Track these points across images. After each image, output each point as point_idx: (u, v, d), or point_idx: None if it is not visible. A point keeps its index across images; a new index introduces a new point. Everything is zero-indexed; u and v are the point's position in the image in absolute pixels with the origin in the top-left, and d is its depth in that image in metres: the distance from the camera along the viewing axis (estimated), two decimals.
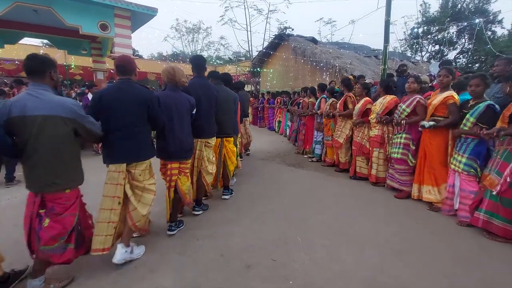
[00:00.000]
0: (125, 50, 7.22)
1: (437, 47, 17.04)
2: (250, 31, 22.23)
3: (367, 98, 4.35)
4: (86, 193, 2.09)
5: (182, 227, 2.76)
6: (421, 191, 3.39)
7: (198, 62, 3.02)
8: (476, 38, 13.68)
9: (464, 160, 2.88)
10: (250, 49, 22.46)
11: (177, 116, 2.52)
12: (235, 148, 3.62)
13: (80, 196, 1.99)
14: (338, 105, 4.76)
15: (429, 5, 17.10)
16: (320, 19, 27.10)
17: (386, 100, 3.86)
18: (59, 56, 13.59)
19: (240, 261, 2.22)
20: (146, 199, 2.23)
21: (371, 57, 13.14)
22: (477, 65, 15.01)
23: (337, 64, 10.69)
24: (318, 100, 5.53)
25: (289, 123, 8.25)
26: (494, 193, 2.48)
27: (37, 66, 1.77)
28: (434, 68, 7.64)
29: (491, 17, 14.94)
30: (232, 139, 3.53)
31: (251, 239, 2.57)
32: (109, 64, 10.56)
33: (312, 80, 11.85)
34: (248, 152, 6.26)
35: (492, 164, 2.66)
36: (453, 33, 16.26)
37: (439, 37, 16.48)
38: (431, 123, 3.17)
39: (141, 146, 2.17)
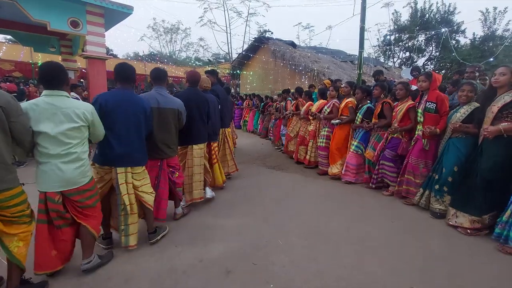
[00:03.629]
0: (98, 49, 6.91)
1: (407, 54, 17.98)
2: (230, 33, 22.20)
3: (310, 102, 5.60)
4: None
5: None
6: (331, 168, 4.62)
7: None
8: (442, 46, 14.62)
9: (355, 143, 4.24)
10: (230, 51, 22.42)
11: (215, 112, 3.68)
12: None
13: None
14: (292, 107, 6.16)
15: (400, 14, 17.99)
16: (299, 23, 27.74)
17: (319, 103, 5.14)
18: (24, 53, 12.73)
19: (219, 266, 2.18)
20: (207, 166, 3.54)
21: (347, 62, 13.60)
22: (443, 71, 16.01)
23: (315, 68, 10.96)
24: (284, 102, 6.96)
25: (259, 121, 9.98)
26: (372, 161, 3.94)
27: (161, 75, 2.77)
28: (406, 73, 8.07)
29: (455, 27, 16.04)
30: (230, 129, 4.59)
31: (231, 243, 2.54)
32: (81, 63, 10.07)
33: (292, 83, 12.03)
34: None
35: (370, 143, 4.03)
36: (421, 41, 17.25)
37: (409, 44, 17.41)
38: (337, 121, 4.45)
39: (205, 133, 3.38)
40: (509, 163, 2.50)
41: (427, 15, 16.68)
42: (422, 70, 16.13)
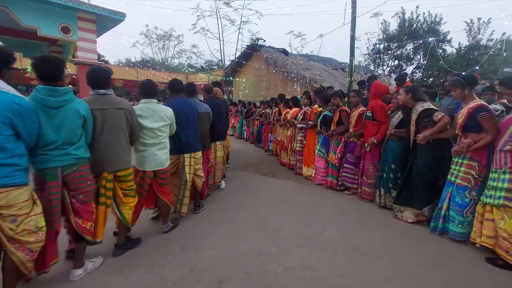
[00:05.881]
0: (89, 55, 6.85)
1: (396, 62, 18.37)
2: (223, 40, 22.40)
3: (288, 109, 5.96)
4: None
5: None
6: (305, 170, 5.01)
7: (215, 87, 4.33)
8: (429, 55, 15.01)
9: (318, 147, 4.62)
10: (223, 58, 22.56)
11: (225, 116, 4.27)
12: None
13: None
14: (275, 113, 6.82)
15: (388, 23, 18.43)
16: (291, 32, 28.07)
17: (293, 110, 5.61)
18: None
19: (212, 276, 2.13)
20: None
21: (338, 69, 13.82)
22: (431, 79, 16.39)
23: (307, 76, 11.09)
24: (270, 110, 7.55)
25: (245, 127, 10.39)
26: (334, 164, 4.24)
27: (193, 88, 3.50)
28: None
29: (441, 37, 16.53)
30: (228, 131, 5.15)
31: (224, 252, 2.49)
32: (71, 69, 9.94)
33: (284, 90, 12.12)
34: None
35: (331, 147, 4.37)
36: (410, 49, 17.66)
37: (398, 53, 17.80)
38: (303, 126, 4.99)
39: (223, 132, 4.21)
40: (437, 163, 3.02)
41: (415, 25, 17.14)
42: (411, 77, 16.41)
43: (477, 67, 9.59)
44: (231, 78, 17.28)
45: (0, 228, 1.59)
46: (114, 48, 43.15)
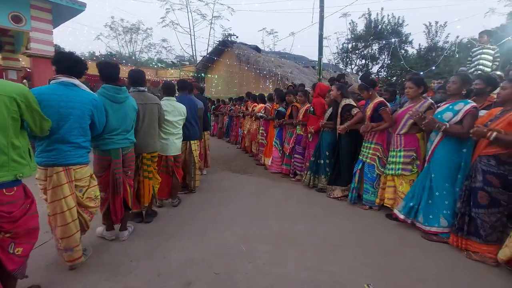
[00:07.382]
0: (44, 47, 6.29)
1: (363, 61, 19.21)
2: (194, 35, 21.84)
3: (255, 103, 6.72)
4: None
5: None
6: (265, 160, 5.58)
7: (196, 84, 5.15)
8: (392, 55, 15.89)
9: (274, 139, 5.20)
10: (194, 54, 22.02)
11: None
12: None
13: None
14: (244, 108, 7.51)
15: (356, 24, 19.18)
16: (263, 29, 28.10)
17: (259, 106, 6.24)
18: None
19: (179, 279, 2.08)
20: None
21: (309, 67, 14.13)
22: (394, 78, 17.36)
23: (279, 73, 11.20)
24: (240, 107, 8.12)
25: (212, 123, 10.96)
26: (287, 153, 4.89)
27: (191, 88, 4.12)
28: None
29: (403, 38, 17.55)
30: None
31: (192, 253, 2.44)
32: (24, 62, 9.10)
33: (256, 87, 12.15)
34: None
35: (285, 139, 4.97)
36: (375, 49, 18.53)
37: (365, 52, 18.60)
38: (263, 115, 5.67)
39: (208, 124, 5.63)
40: (354, 149, 3.79)
41: (380, 26, 18.00)
42: (376, 76, 17.19)
43: (434, 67, 10.30)
44: (202, 74, 16.94)
45: (75, 196, 2.05)
46: (76, 40, 40.24)
